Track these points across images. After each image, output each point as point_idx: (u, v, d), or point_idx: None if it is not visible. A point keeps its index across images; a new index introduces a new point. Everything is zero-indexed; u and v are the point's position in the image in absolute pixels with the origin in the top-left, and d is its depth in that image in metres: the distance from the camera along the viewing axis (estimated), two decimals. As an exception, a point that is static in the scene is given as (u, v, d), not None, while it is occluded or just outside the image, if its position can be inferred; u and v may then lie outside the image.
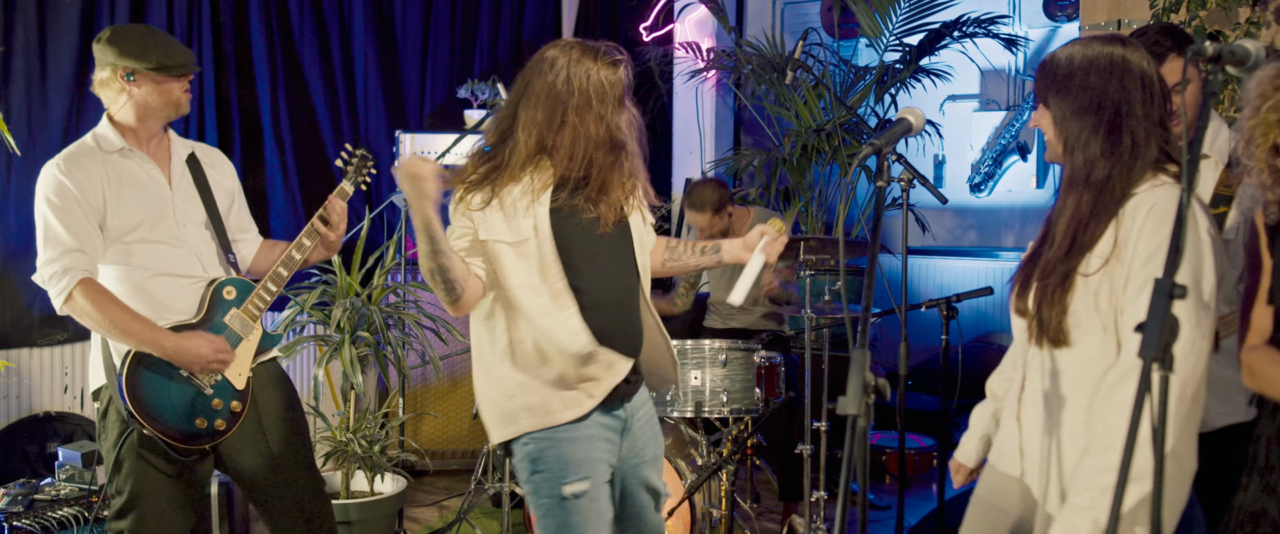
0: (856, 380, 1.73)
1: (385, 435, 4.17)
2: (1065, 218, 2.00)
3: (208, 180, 2.96)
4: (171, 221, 2.83)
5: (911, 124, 1.92)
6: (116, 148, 2.79)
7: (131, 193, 2.78)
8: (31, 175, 4.20)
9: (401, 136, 5.32)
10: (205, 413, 2.78)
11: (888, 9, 5.52)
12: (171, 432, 2.74)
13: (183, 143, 2.97)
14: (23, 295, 4.23)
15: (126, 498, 2.79)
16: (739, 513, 4.25)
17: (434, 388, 5.24)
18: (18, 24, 4.15)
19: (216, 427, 2.80)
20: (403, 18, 5.71)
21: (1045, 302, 2.00)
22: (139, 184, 2.81)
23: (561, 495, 2.37)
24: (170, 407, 2.74)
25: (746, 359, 3.87)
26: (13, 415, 4.18)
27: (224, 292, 2.85)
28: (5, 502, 3.46)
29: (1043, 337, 2.02)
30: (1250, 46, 1.66)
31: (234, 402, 2.84)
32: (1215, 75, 1.61)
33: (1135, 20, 4.38)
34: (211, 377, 2.80)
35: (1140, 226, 1.91)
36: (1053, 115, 2.03)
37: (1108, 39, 2.03)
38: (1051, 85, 2.02)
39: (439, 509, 4.87)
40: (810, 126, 5.50)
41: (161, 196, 2.84)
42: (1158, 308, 1.51)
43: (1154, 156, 1.98)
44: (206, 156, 3.02)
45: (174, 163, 2.91)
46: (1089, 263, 1.97)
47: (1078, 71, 1.98)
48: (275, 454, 2.94)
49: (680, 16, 6.46)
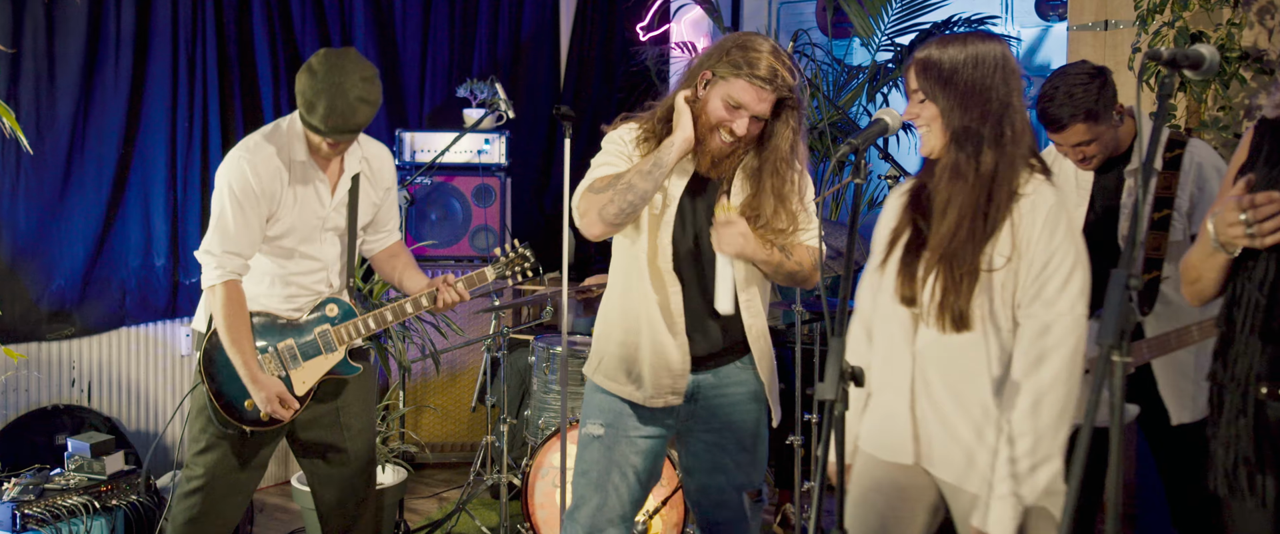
0: (834, 367, 1.83)
1: (386, 427, 4.26)
2: (956, 209, 2.11)
3: (360, 199, 3.13)
4: (319, 235, 3.05)
5: (887, 124, 2.01)
6: (300, 158, 2.97)
7: (295, 204, 2.99)
8: (40, 175, 4.30)
9: (401, 135, 5.40)
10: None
11: (880, 10, 5.60)
12: (222, 397, 3.00)
13: (358, 154, 3.11)
14: (31, 291, 4.32)
15: (196, 442, 3.07)
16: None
17: (434, 382, 5.34)
18: (26, 26, 4.24)
19: (260, 416, 3.01)
20: (402, 18, 5.79)
21: (951, 290, 2.11)
22: (305, 198, 3.01)
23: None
24: (231, 376, 3.00)
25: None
26: (21, 408, 4.27)
27: (327, 308, 3.08)
28: (17, 490, 3.55)
29: (944, 322, 2.13)
30: (1205, 51, 1.75)
31: None
32: (1170, 79, 1.70)
33: (1122, 20, 4.47)
34: (277, 370, 3.02)
35: (1037, 234, 2.09)
36: (940, 108, 2.13)
37: (987, 36, 2.15)
38: (939, 81, 2.12)
39: (438, 501, 4.96)
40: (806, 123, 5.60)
41: (320, 211, 3.04)
42: (1115, 298, 1.61)
43: (1029, 146, 2.13)
44: (372, 165, 3.17)
45: (343, 178, 3.08)
46: (993, 259, 2.11)
47: (965, 67, 2.10)
48: (344, 450, 3.19)
49: (676, 17, 6.53)
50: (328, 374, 3.09)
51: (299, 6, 5.29)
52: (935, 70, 2.13)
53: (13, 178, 4.25)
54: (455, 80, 5.82)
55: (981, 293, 2.11)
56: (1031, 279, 2.10)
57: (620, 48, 6.61)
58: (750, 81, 2.47)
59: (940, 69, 2.12)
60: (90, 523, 3.56)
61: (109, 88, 4.52)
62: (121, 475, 3.78)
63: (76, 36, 4.40)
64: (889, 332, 2.29)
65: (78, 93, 4.42)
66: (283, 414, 2.99)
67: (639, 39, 6.54)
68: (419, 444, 5.26)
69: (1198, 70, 1.75)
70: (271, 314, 3.05)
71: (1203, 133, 3.92)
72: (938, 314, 2.14)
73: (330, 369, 3.09)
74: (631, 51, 6.48)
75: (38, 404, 4.34)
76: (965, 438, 2.18)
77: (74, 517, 3.54)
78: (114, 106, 4.53)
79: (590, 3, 6.56)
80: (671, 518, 3.79)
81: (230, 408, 3.02)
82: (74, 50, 4.40)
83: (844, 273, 1.95)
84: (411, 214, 5.11)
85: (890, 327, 2.28)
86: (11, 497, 3.51)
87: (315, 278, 3.09)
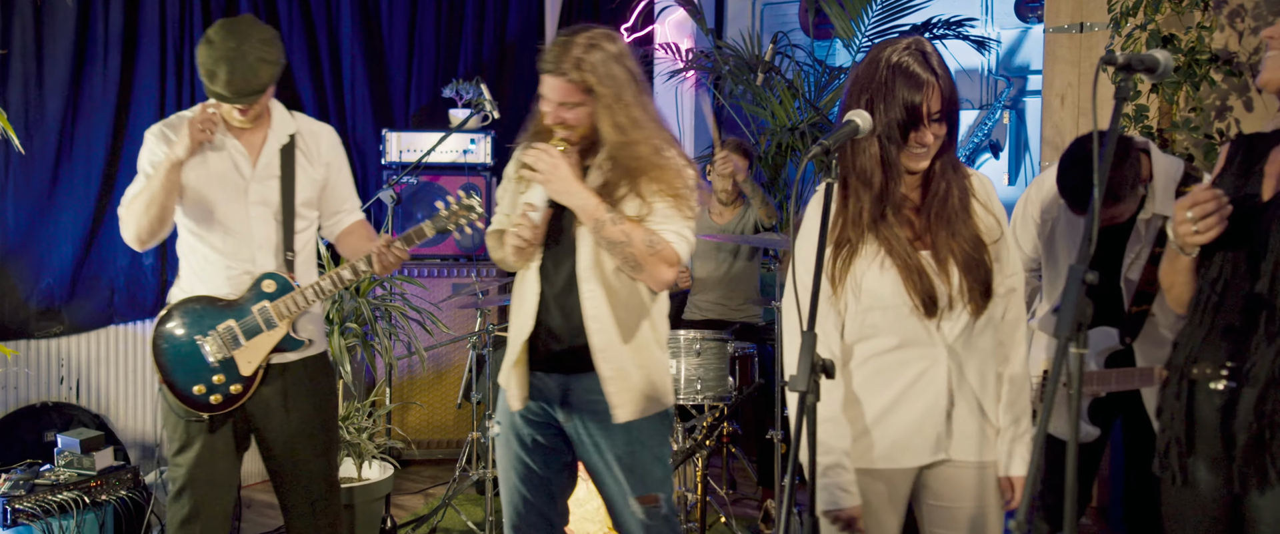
0: (805, 360, 1.89)
1: (372, 424, 4.31)
2: (951, 203, 2.23)
3: (295, 171, 3.08)
4: (242, 208, 3.01)
5: (858, 126, 2.07)
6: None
7: (207, 174, 2.97)
8: (30, 174, 4.35)
9: (387, 135, 5.45)
10: (206, 383, 2.98)
11: (860, 11, 5.68)
12: (174, 386, 2.99)
13: (287, 124, 3.09)
14: (21, 289, 4.36)
15: (173, 442, 3.06)
16: (716, 499, 4.41)
17: (420, 379, 5.39)
18: (15, 26, 4.28)
19: (212, 400, 2.99)
20: (389, 20, 5.84)
21: (976, 282, 2.21)
22: (217, 169, 2.98)
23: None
24: (178, 364, 2.99)
25: (720, 349, 4.03)
26: (10, 405, 4.31)
27: (264, 283, 3.02)
28: (7, 486, 3.60)
29: (975, 299, 2.22)
30: (1160, 56, 1.82)
31: (235, 385, 3.01)
32: (1126, 82, 1.77)
33: (1097, 23, 4.55)
34: (220, 353, 2.99)
35: (997, 208, 2.31)
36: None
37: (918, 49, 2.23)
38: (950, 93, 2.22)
39: (425, 497, 5.01)
40: (785, 125, 5.67)
41: (238, 182, 3.00)
42: (1072, 291, 1.68)
43: None
44: (307, 139, 3.13)
45: (267, 148, 3.05)
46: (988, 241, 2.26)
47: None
48: (296, 440, 3.12)
49: (660, 18, 6.59)
50: (274, 350, 3.05)
51: (286, 8, 5.34)
52: (950, 84, 2.25)
53: (1, 176, 4.29)
54: (441, 81, 5.88)
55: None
56: (1008, 248, 2.30)
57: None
58: (542, 72, 2.59)
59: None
60: (81, 518, 3.61)
61: (98, 87, 4.56)
62: (111, 471, 3.83)
63: (65, 36, 4.44)
64: (899, 340, 2.26)
65: (66, 92, 4.46)
66: (210, 128, 2.87)
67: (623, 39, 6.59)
68: (406, 440, 5.32)
69: (1153, 74, 1.82)
70: (208, 297, 3.01)
71: (1175, 133, 4.00)
72: (969, 294, 2.22)
73: (275, 345, 3.04)
74: (616, 52, 6.53)
75: (27, 401, 4.38)
76: (990, 413, 2.31)
77: (64, 512, 3.59)
78: (103, 106, 4.57)
79: (575, 4, 6.61)
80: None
81: (183, 395, 2.99)
82: (63, 50, 4.44)
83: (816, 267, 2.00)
84: (398, 213, 5.16)
85: (901, 335, 2.25)
86: (2, 492, 3.55)
87: (242, 256, 3.02)
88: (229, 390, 3.01)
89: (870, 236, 2.23)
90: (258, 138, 3.04)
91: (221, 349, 2.99)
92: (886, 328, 2.24)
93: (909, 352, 2.25)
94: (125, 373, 4.73)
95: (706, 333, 4.04)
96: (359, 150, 5.72)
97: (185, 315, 3.00)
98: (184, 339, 2.99)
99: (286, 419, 3.10)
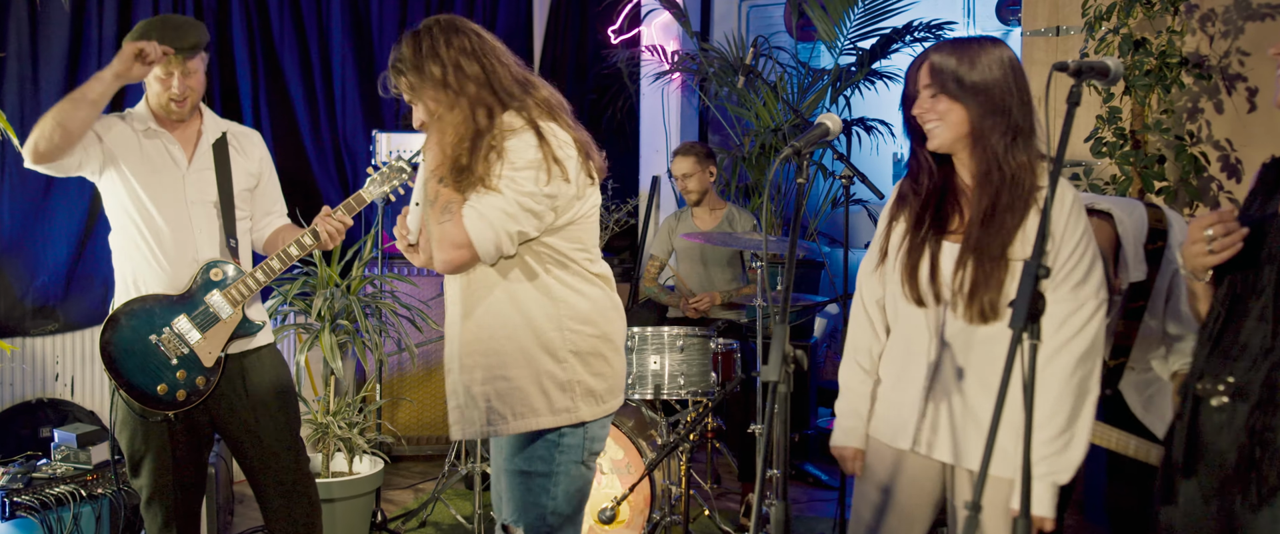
0: (777, 351, 1.99)
1: (363, 419, 4.39)
2: (987, 201, 2.22)
3: (230, 165, 3.16)
4: (180, 199, 3.06)
5: (829, 128, 2.16)
6: (145, 127, 3.05)
7: (145, 166, 3.03)
8: (25, 175, 4.41)
9: (377, 135, 5.52)
10: (169, 381, 3.01)
11: (842, 14, 5.77)
12: (134, 390, 2.98)
13: (218, 125, 3.19)
14: (16, 287, 4.43)
15: (131, 455, 3.07)
16: (700, 493, 4.50)
17: (410, 375, 5.46)
18: (11, 29, 4.35)
19: (177, 397, 3.02)
20: (379, 21, 5.91)
21: (981, 283, 2.21)
22: (154, 161, 3.05)
23: None
24: (137, 367, 2.98)
25: (702, 345, 4.12)
26: (6, 402, 4.38)
27: (212, 272, 3.07)
28: (6, 479, 3.67)
29: (972, 314, 2.23)
30: (1110, 63, 1.92)
31: (199, 377, 3.05)
32: (1078, 87, 1.86)
33: (1072, 26, 4.64)
34: (179, 349, 3.01)
35: (1065, 226, 2.21)
36: (962, 104, 2.21)
37: (996, 41, 2.26)
38: (956, 79, 2.21)
39: (414, 491, 5.09)
40: (768, 126, 5.76)
41: (175, 172, 3.07)
42: (1025, 286, 1.77)
43: (1039, 145, 2.25)
44: (238, 138, 3.24)
45: (201, 143, 3.13)
46: (1020, 248, 2.20)
47: (985, 67, 2.20)
48: (260, 430, 3.17)
49: (646, 20, 6.67)
50: (232, 338, 3.09)
51: (277, 10, 5.41)
52: (952, 71, 2.22)
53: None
54: (431, 82, 5.92)
55: (1010, 282, 2.21)
56: (1058, 267, 2.21)
57: (592, 50, 6.74)
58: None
59: (959, 67, 2.22)
60: (77, 510, 3.68)
61: (92, 89, 4.63)
62: (106, 465, 3.90)
63: (60, 39, 4.51)
64: (908, 325, 2.37)
65: (61, 93, 4.50)
66: (153, 51, 2.92)
67: (610, 42, 6.68)
68: (396, 436, 5.39)
69: (1104, 79, 1.91)
70: (155, 295, 3.03)
71: (1147, 134, 4.10)
72: (967, 306, 2.24)
73: (233, 333, 3.09)
74: (603, 54, 6.62)
75: (22, 398, 4.45)
76: (982, 416, 2.28)
77: (62, 505, 3.66)
78: (97, 107, 4.64)
79: (563, 6, 6.69)
80: (638, 503, 3.95)
81: (145, 396, 2.99)
82: (57, 52, 4.51)
83: (788, 266, 2.09)
84: (387, 213, 5.23)
85: (910, 321, 2.37)
86: (1, 485, 3.63)
87: (185, 246, 3.07)
88: (195, 384, 3.04)
89: (901, 221, 2.38)
90: (191, 133, 3.13)
91: (180, 344, 3.01)
92: (893, 311, 2.42)
93: (904, 338, 2.38)
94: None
95: (690, 329, 4.13)
96: (349, 150, 5.79)
97: (133, 318, 3.00)
98: (136, 341, 2.99)
99: (250, 409, 3.15)
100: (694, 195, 5.07)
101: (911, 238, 2.34)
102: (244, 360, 3.16)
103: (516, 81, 2.46)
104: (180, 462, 3.10)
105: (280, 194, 3.39)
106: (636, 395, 4.08)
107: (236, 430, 3.17)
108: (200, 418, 3.13)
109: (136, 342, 2.99)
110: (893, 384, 2.42)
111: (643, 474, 3.89)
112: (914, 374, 2.36)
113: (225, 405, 3.14)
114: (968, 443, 2.29)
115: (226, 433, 3.19)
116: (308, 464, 3.33)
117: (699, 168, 5.03)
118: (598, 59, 6.67)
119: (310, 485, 3.32)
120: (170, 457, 3.08)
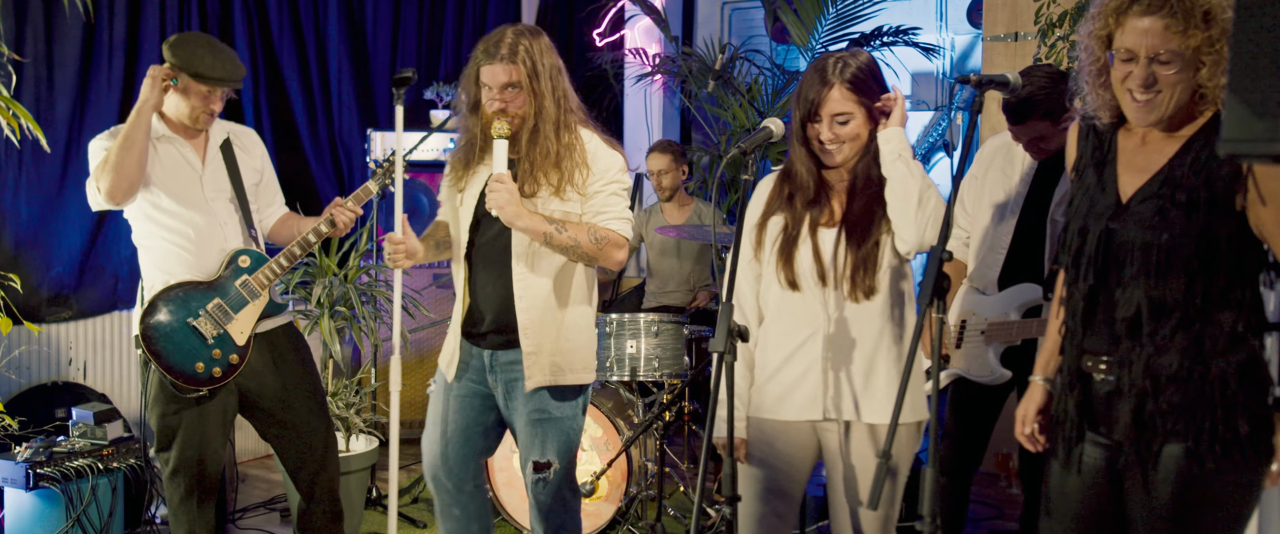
0: (723, 325, 2.27)
1: (359, 400, 4.65)
2: (861, 201, 2.52)
3: (238, 162, 3.46)
4: (201, 195, 3.36)
5: (772, 131, 2.43)
6: (159, 135, 3.32)
7: (164, 172, 3.31)
8: (39, 170, 4.68)
9: (372, 134, 5.74)
10: (205, 359, 3.29)
11: (814, 19, 6.03)
12: (174, 369, 3.26)
13: (221, 127, 3.48)
14: (33, 277, 4.69)
15: (162, 430, 3.33)
16: (677, 472, 4.78)
17: (404, 362, 5.70)
18: (28, 34, 4.61)
19: (213, 374, 3.30)
20: (373, 25, 6.14)
21: (860, 266, 2.49)
22: (173, 165, 3.33)
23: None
24: (175, 348, 3.27)
25: (676, 331, 4.38)
26: (25, 384, 4.65)
27: (239, 260, 3.38)
28: (29, 452, 3.95)
29: (857, 294, 2.50)
30: (1010, 75, 2.21)
31: (233, 355, 3.34)
32: (980, 97, 2.15)
33: (1027, 32, 4.90)
34: (214, 330, 3.30)
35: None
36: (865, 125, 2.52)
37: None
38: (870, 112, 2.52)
39: (407, 472, 5.35)
40: (745, 127, 6.04)
41: (192, 174, 3.36)
42: (931, 269, 2.07)
43: None
44: (240, 138, 3.54)
45: (210, 146, 3.43)
46: (886, 233, 2.50)
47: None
48: (291, 398, 3.47)
49: (630, 24, 6.92)
50: (261, 318, 3.40)
51: (277, 14, 5.67)
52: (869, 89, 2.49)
53: (15, 173, 4.62)
54: (423, 83, 6.16)
55: (882, 262, 2.50)
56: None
57: (578, 52, 6.98)
58: (481, 64, 2.90)
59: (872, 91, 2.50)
60: (95, 482, 3.97)
61: (103, 89, 4.90)
62: (121, 441, 4.18)
63: (73, 43, 4.78)
64: (790, 309, 2.59)
65: (74, 94, 4.80)
66: (161, 73, 3.19)
67: (596, 45, 6.92)
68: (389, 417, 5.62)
69: (1005, 90, 2.20)
70: (190, 282, 3.31)
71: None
72: (851, 287, 2.49)
73: (262, 313, 3.40)
74: (588, 56, 6.86)
75: (39, 380, 4.72)
76: (878, 382, 2.52)
77: (81, 477, 3.94)
78: (108, 106, 4.91)
79: (551, 10, 6.92)
80: (615, 478, 4.23)
81: (184, 375, 3.24)
82: (71, 55, 4.77)
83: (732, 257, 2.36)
84: (382, 209, 5.47)
85: (792, 305, 2.58)
86: (25, 457, 3.91)
87: (213, 237, 3.36)
88: (229, 361, 3.33)
89: (778, 215, 2.61)
90: (200, 139, 3.42)
91: (215, 326, 3.29)
92: (777, 298, 2.60)
93: (790, 321, 2.59)
94: (128, 355, 5.07)
95: (664, 316, 4.40)
96: (345, 149, 6.02)
97: (170, 303, 3.28)
98: (175, 324, 3.27)
99: (280, 381, 3.45)
100: (666, 191, 5.37)
101: (790, 230, 2.57)
102: (272, 336, 3.47)
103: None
104: (207, 436, 3.36)
105: (279, 186, 3.70)
106: (614, 377, 4.33)
107: (268, 402, 3.46)
108: (227, 396, 3.40)
109: (175, 325, 3.27)
110: (782, 364, 2.59)
111: (620, 450, 4.16)
112: (809, 351, 2.56)
113: (256, 380, 3.42)
114: (867, 402, 2.52)
115: (256, 406, 3.46)
116: (334, 434, 3.62)
117: (673, 165, 5.33)
118: (584, 61, 6.90)
119: (335, 457, 3.62)
120: (199, 432, 3.33)
